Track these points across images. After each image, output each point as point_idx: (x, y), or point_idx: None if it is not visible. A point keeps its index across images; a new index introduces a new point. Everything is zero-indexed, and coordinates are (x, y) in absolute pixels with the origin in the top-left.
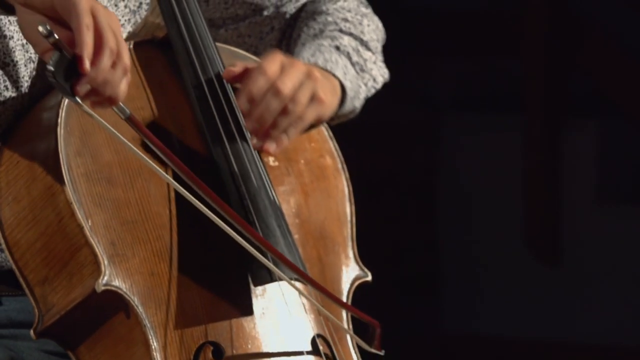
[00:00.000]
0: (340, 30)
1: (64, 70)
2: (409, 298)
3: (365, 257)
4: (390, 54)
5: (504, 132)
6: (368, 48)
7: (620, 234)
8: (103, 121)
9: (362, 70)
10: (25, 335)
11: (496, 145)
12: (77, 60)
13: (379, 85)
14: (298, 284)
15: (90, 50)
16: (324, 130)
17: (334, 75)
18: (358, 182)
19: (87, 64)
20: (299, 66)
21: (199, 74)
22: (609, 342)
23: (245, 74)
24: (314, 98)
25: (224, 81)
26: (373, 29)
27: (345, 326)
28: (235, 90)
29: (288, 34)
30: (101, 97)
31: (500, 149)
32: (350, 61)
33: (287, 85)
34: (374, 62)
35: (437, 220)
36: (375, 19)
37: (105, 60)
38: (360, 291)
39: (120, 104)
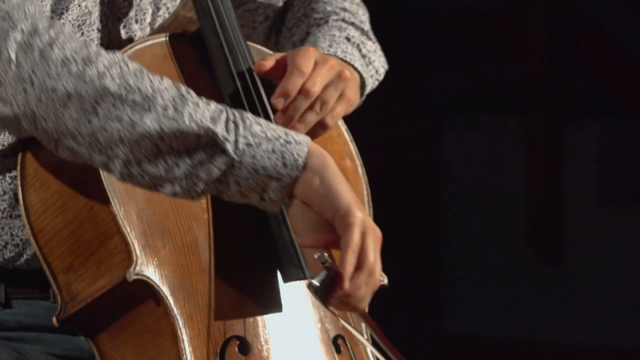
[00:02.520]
0: (343, 20)
1: (323, 282)
2: (410, 298)
3: None
4: (392, 55)
5: (506, 133)
6: (369, 38)
7: (622, 235)
8: (346, 324)
9: (369, 63)
10: (33, 339)
11: (498, 145)
12: (337, 276)
13: (381, 77)
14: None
15: (351, 272)
16: (344, 133)
17: (353, 67)
18: None
19: (346, 285)
20: (331, 64)
21: (231, 69)
22: (610, 343)
23: (277, 69)
24: (342, 96)
25: (255, 77)
26: (367, 18)
27: (365, 337)
28: (265, 85)
29: (278, 21)
30: (347, 305)
31: (502, 149)
32: (360, 53)
33: (317, 85)
34: (375, 52)
35: (438, 220)
36: (363, 5)
37: (362, 280)
38: None
39: None
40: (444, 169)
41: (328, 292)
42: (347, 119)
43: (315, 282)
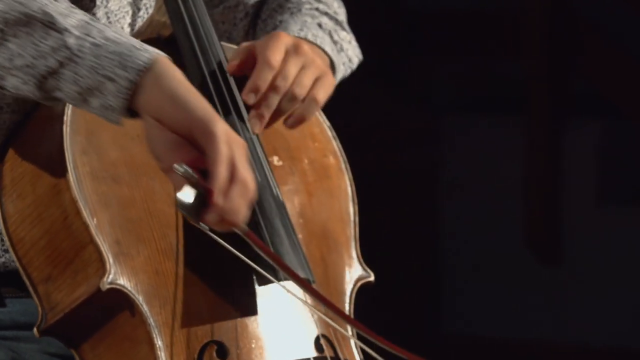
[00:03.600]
0: (317, 10)
1: (194, 200)
2: (409, 298)
3: (365, 257)
4: (391, 54)
5: (504, 133)
6: (343, 28)
7: (621, 235)
8: (225, 244)
9: (341, 50)
10: (28, 337)
11: (497, 145)
12: (208, 192)
13: (354, 66)
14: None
15: (223, 185)
16: (327, 130)
17: (323, 50)
18: (358, 182)
19: (218, 199)
20: (304, 50)
21: (204, 72)
22: (609, 343)
23: (247, 62)
24: (318, 81)
25: (228, 78)
26: (343, 11)
27: (349, 332)
28: (240, 85)
29: (255, 16)
30: (224, 222)
31: (501, 149)
32: (331, 39)
33: (288, 78)
34: (349, 42)
35: (438, 220)
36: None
37: (235, 193)
38: (359, 292)
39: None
40: (442, 169)
41: (200, 210)
42: (345, 118)
43: (186, 200)
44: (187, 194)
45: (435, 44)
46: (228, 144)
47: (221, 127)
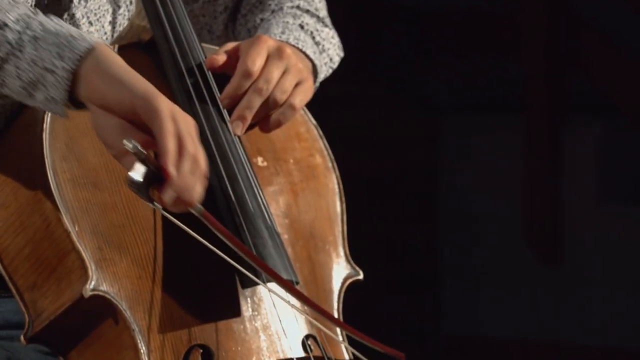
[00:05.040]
0: (298, 8)
1: (145, 176)
2: (409, 299)
3: (365, 257)
4: (390, 53)
5: (504, 133)
6: (325, 25)
7: (622, 235)
8: (182, 225)
9: (322, 50)
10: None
11: (496, 145)
12: (160, 168)
13: (335, 65)
14: (285, 292)
15: (174, 158)
16: (313, 130)
17: (305, 54)
18: (358, 182)
19: (172, 171)
20: (286, 54)
21: (184, 75)
22: (609, 343)
23: (230, 62)
24: (299, 85)
25: (209, 79)
26: (323, 5)
27: (338, 332)
28: (220, 84)
29: (235, 9)
30: (179, 201)
31: (500, 149)
32: (313, 41)
33: (271, 82)
34: (331, 39)
35: (438, 220)
36: None
37: (186, 167)
38: (360, 292)
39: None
40: (442, 169)
41: (153, 189)
42: (344, 118)
43: (136, 178)
44: (137, 172)
45: (435, 44)
46: (173, 118)
47: (164, 103)
